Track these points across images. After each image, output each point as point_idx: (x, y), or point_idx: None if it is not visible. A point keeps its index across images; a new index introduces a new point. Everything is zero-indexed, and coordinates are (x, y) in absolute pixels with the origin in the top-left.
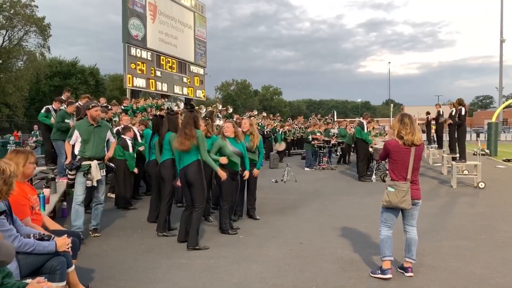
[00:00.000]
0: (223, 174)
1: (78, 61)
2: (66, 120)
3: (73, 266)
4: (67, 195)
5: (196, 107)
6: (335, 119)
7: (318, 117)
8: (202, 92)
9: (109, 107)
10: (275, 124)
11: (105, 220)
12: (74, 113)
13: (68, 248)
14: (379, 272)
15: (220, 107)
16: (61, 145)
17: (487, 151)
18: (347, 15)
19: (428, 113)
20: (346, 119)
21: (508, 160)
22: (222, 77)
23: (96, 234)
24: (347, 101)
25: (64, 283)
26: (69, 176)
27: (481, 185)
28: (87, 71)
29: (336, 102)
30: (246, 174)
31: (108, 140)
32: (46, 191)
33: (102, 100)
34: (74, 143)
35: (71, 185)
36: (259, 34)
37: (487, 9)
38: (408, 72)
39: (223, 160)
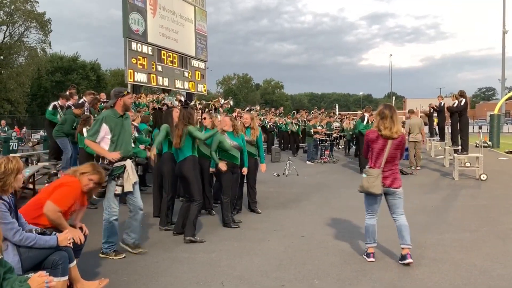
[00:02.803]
0: (223, 166)
1: (79, 56)
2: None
3: (75, 261)
4: None
5: (195, 102)
6: (337, 113)
7: (321, 111)
8: (204, 87)
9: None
10: (276, 118)
11: None
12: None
13: (69, 243)
14: (365, 255)
15: (222, 101)
16: (66, 142)
17: (489, 143)
18: (350, 8)
19: (431, 105)
20: (349, 112)
21: (511, 152)
22: (224, 71)
23: (140, 250)
24: (349, 94)
25: (66, 277)
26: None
27: (483, 177)
28: (88, 66)
29: (338, 96)
30: (244, 170)
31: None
32: None
33: (103, 96)
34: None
35: (101, 194)
36: (261, 28)
37: (489, 0)
38: (411, 65)
39: (222, 166)
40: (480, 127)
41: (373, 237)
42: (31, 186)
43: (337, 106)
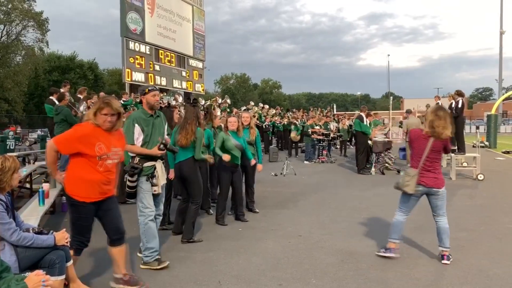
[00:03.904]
0: (227, 157)
1: (77, 56)
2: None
3: (72, 261)
4: None
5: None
6: (335, 113)
7: (319, 111)
8: (201, 86)
9: None
10: (275, 118)
11: None
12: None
13: (67, 242)
14: (383, 250)
15: (220, 100)
16: None
17: (487, 143)
18: (348, 8)
19: (428, 105)
20: (345, 113)
21: (508, 152)
22: (222, 71)
23: (164, 265)
24: (346, 94)
25: (63, 277)
26: (129, 184)
27: (480, 177)
28: (85, 66)
29: (336, 96)
30: (258, 166)
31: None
32: (46, 186)
33: (101, 95)
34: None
35: (131, 195)
36: (259, 28)
37: (487, 0)
38: (409, 65)
39: (226, 157)
40: (477, 127)
41: (398, 234)
42: (28, 185)
43: (335, 106)
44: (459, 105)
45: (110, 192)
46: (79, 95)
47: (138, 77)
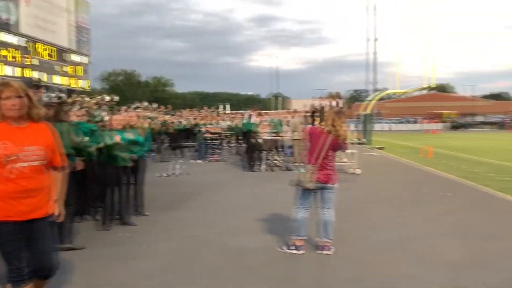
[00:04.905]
0: (118, 138)
1: None
2: None
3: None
4: None
5: (75, 98)
6: (228, 112)
7: (212, 110)
8: (87, 83)
9: None
10: (167, 117)
11: None
12: None
13: None
14: (294, 248)
15: (107, 98)
16: None
17: (363, 140)
18: (239, 9)
19: (312, 105)
20: (238, 112)
21: (381, 148)
22: (110, 67)
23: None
24: (239, 93)
25: None
26: None
27: (358, 171)
28: None
29: (229, 95)
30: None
31: None
32: None
33: None
34: None
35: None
36: (150, 24)
37: (365, 8)
38: (296, 67)
39: (118, 138)
40: (355, 126)
41: (304, 230)
42: None
43: (228, 106)
44: (338, 105)
45: (38, 211)
46: None
47: (12, 71)
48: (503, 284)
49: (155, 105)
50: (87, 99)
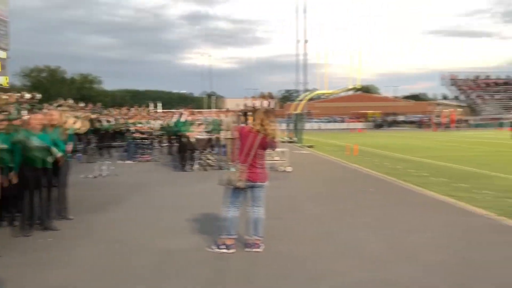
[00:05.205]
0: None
1: None
2: None
3: None
4: None
5: None
6: (160, 110)
7: (143, 108)
8: (5, 79)
9: None
10: (94, 116)
11: None
12: None
13: None
14: (224, 247)
15: (27, 95)
16: None
17: (295, 138)
18: (171, 6)
19: (244, 105)
20: (169, 110)
21: (311, 146)
22: (32, 63)
23: None
24: (172, 92)
25: None
26: None
27: (289, 169)
28: None
29: (161, 93)
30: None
31: None
32: None
33: None
34: None
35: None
36: (77, 18)
37: (295, 10)
38: (230, 66)
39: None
40: (287, 125)
41: (235, 229)
42: None
43: (160, 104)
44: (270, 105)
45: None
46: None
47: None
48: (424, 275)
49: (82, 104)
50: (5, 96)
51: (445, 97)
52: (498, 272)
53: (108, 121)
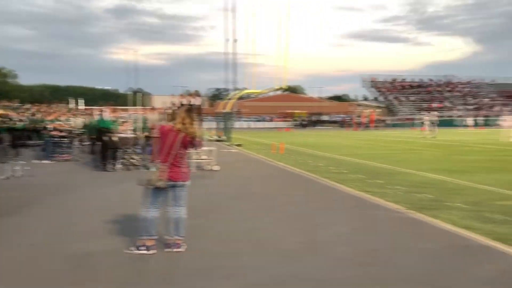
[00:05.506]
0: None
1: None
2: None
3: None
4: None
5: None
6: (83, 107)
7: (62, 105)
8: None
9: None
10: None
11: None
12: None
13: None
14: (144, 249)
15: None
16: None
17: (224, 137)
18: None
19: (172, 102)
20: (92, 107)
21: (240, 145)
22: None
23: None
24: (95, 88)
25: None
26: None
27: (216, 168)
28: None
29: (84, 89)
30: None
31: None
32: None
33: None
34: None
35: None
36: None
37: (225, 9)
38: (158, 63)
39: None
40: (216, 124)
41: (155, 229)
42: None
43: (83, 101)
44: (197, 103)
45: None
46: None
47: None
48: (335, 267)
49: None
50: None
51: (365, 98)
52: (404, 261)
53: (20, 120)
